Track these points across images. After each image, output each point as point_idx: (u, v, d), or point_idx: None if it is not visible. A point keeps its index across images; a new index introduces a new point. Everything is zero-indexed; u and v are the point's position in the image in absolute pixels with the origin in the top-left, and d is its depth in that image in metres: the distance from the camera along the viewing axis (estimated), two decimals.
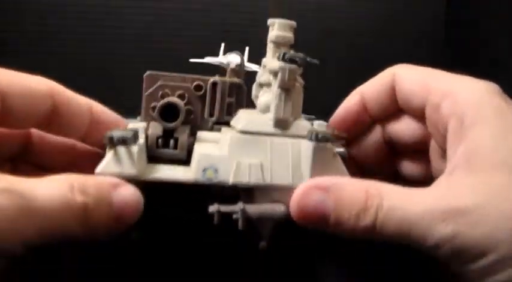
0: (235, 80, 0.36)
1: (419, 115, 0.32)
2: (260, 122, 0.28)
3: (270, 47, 0.32)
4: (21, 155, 0.33)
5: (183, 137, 0.30)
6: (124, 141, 0.26)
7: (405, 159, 0.35)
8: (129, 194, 0.25)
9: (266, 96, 0.30)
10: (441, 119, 0.28)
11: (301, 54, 0.27)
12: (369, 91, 0.34)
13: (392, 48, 0.92)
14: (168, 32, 0.90)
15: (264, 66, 0.31)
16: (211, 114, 0.33)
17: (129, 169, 0.26)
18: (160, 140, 0.30)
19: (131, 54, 0.88)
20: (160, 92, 0.33)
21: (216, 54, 0.63)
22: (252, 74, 0.36)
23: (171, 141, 0.30)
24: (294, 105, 0.28)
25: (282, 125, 0.28)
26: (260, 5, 0.90)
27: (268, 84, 0.30)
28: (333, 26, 0.90)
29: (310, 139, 0.27)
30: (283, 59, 0.27)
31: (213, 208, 0.25)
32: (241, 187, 0.27)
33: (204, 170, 0.26)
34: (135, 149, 0.26)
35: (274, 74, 0.28)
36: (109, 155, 0.26)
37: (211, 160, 0.27)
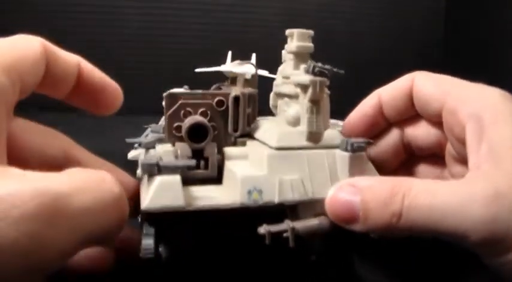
0: (251, 90, 0.37)
1: (436, 120, 0.33)
2: (292, 136, 0.29)
3: (289, 58, 0.32)
4: None
5: (213, 156, 0.31)
6: (166, 171, 0.26)
7: (421, 163, 0.37)
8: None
9: (294, 108, 0.30)
10: (458, 121, 0.30)
11: (328, 66, 0.28)
12: (386, 95, 0.35)
13: (391, 48, 0.94)
14: (167, 32, 0.90)
15: (287, 78, 0.32)
16: (235, 129, 0.33)
17: (177, 201, 0.26)
18: None
19: (131, 54, 0.89)
20: (182, 111, 0.33)
21: (218, 61, 0.63)
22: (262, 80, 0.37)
23: (202, 162, 0.30)
24: (323, 116, 0.29)
25: (315, 137, 0.29)
26: (260, 5, 0.91)
27: (294, 96, 0.31)
28: (333, 26, 0.92)
29: (346, 150, 0.28)
30: (313, 72, 0.27)
31: (263, 229, 0.26)
32: (287, 204, 0.27)
33: (249, 193, 0.27)
34: (178, 178, 0.26)
35: (303, 87, 0.29)
36: (153, 187, 0.26)
37: (254, 181, 0.27)
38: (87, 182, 0.22)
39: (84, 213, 0.21)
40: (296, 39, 0.32)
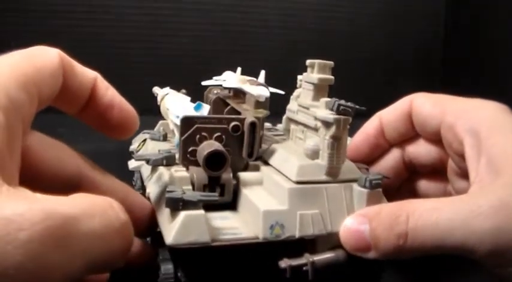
0: (264, 112, 0.37)
1: (436, 138, 0.34)
2: (312, 170, 0.30)
3: (308, 87, 0.33)
4: None
5: (229, 183, 0.32)
6: (190, 206, 0.27)
7: (424, 179, 0.39)
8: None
9: (312, 141, 0.31)
10: (456, 136, 0.31)
11: (350, 104, 0.29)
12: (387, 118, 0.37)
13: (391, 48, 0.95)
14: (167, 32, 0.90)
15: (305, 107, 0.33)
16: (250, 155, 0.34)
17: (203, 236, 0.27)
18: (207, 188, 0.31)
19: (130, 54, 0.88)
20: (197, 136, 0.33)
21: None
22: None
23: (218, 189, 0.31)
24: (343, 151, 0.30)
25: (334, 172, 0.30)
26: (260, 5, 0.91)
27: (312, 128, 0.32)
28: (333, 26, 0.92)
29: (364, 186, 0.30)
30: (338, 110, 0.28)
31: (284, 263, 0.27)
32: (307, 239, 0.29)
33: (271, 228, 0.28)
34: (202, 213, 0.27)
35: (326, 123, 0.30)
36: (178, 223, 0.27)
37: (276, 216, 0.28)
38: (94, 207, 0.22)
39: (90, 238, 0.21)
40: (317, 71, 0.32)
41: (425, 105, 0.34)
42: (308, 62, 0.33)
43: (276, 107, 0.39)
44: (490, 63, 0.82)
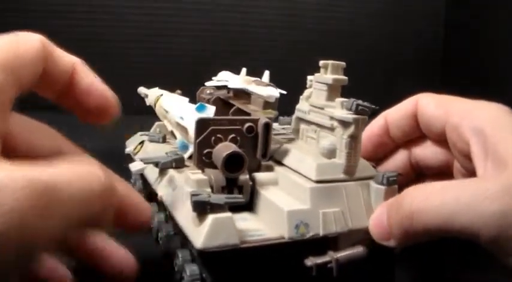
0: (274, 113, 0.38)
1: (441, 139, 0.35)
2: (330, 169, 0.31)
3: (320, 87, 0.34)
4: None
5: (247, 185, 0.32)
6: (218, 209, 0.27)
7: (430, 181, 0.39)
8: None
9: (328, 140, 0.32)
10: (461, 137, 0.32)
11: (367, 104, 0.30)
12: (392, 117, 0.38)
13: (391, 48, 0.96)
14: (167, 32, 0.90)
15: (319, 107, 0.34)
16: (264, 155, 0.34)
17: (232, 239, 0.27)
18: (225, 190, 0.32)
19: (131, 55, 0.89)
20: (212, 138, 0.33)
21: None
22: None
23: (236, 190, 0.32)
24: (359, 150, 0.31)
25: (351, 170, 0.31)
26: (260, 5, 0.92)
27: (328, 128, 0.33)
28: (333, 26, 0.93)
29: (381, 183, 0.31)
30: (356, 110, 0.29)
31: (310, 262, 0.28)
32: (330, 236, 0.30)
33: (297, 227, 0.29)
34: (230, 216, 0.27)
35: (343, 123, 0.31)
36: (207, 226, 0.27)
37: (300, 216, 0.29)
38: (75, 171, 0.23)
39: (70, 204, 0.21)
40: (330, 72, 0.33)
41: (430, 105, 0.35)
42: (321, 62, 0.34)
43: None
44: (490, 63, 0.83)
